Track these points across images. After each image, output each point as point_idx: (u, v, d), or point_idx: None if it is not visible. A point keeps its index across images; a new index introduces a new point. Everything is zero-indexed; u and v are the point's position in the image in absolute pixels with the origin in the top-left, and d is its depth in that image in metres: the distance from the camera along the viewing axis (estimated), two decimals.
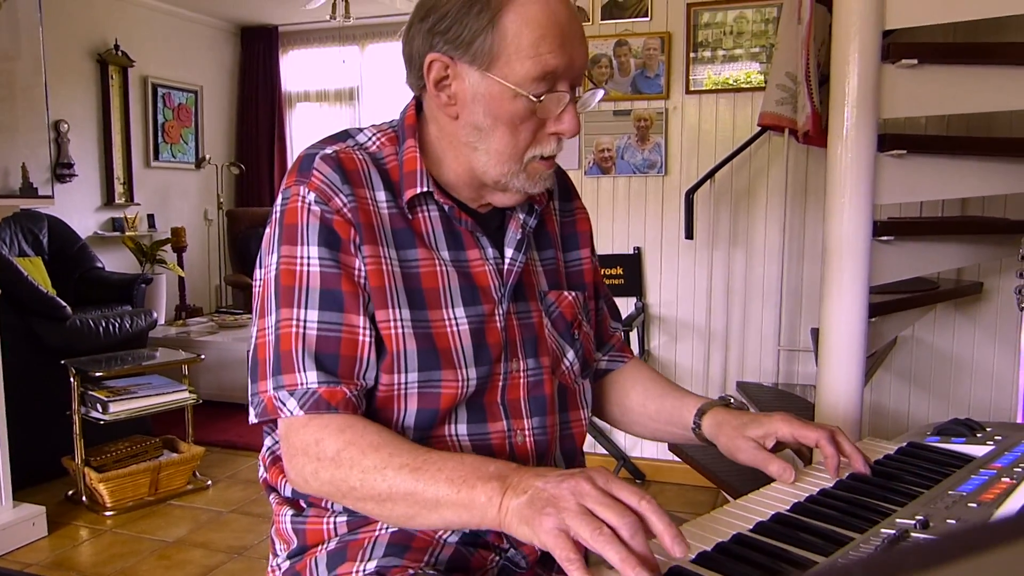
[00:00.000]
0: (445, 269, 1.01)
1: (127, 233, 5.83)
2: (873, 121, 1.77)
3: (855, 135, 1.76)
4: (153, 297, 5.18)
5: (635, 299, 3.40)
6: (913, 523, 0.82)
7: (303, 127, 7.12)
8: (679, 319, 3.39)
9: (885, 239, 1.99)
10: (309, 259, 0.96)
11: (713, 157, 3.21)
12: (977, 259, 2.69)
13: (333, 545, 1.00)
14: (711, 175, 3.12)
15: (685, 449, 2.71)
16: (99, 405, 3.15)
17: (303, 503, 1.04)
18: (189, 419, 3.46)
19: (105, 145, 5.83)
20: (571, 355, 1.12)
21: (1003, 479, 0.94)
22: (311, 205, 0.96)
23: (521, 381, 1.05)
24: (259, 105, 7.08)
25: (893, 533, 0.79)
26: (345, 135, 1.05)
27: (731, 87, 3.20)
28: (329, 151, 1.00)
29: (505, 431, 1.03)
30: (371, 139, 1.05)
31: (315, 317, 0.94)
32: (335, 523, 1.01)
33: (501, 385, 1.04)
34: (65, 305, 3.51)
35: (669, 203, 3.33)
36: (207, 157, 6.63)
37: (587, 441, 1.19)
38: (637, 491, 0.75)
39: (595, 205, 3.39)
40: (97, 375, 3.21)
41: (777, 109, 2.46)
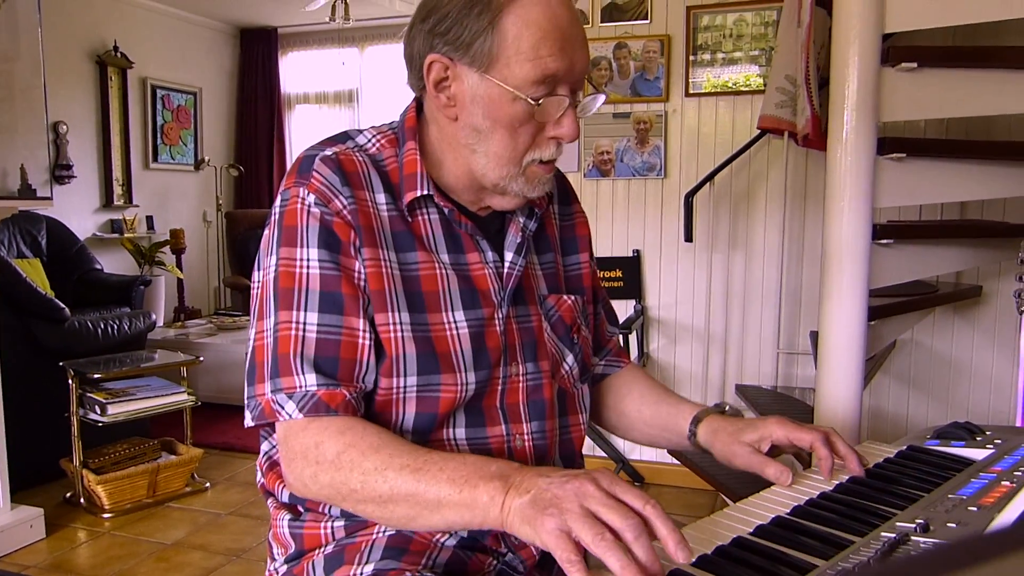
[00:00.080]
0: (445, 272, 1.01)
1: (126, 235, 5.83)
2: (873, 124, 1.77)
3: (855, 138, 1.76)
4: (152, 299, 5.18)
5: (634, 302, 3.40)
6: (913, 527, 0.82)
7: (302, 129, 7.13)
8: (678, 322, 3.39)
9: (884, 242, 1.99)
10: (308, 261, 0.95)
11: (712, 160, 3.20)
12: (976, 262, 2.69)
13: (330, 549, 0.99)
14: (710, 178, 3.11)
15: (684, 452, 2.71)
16: (97, 407, 3.14)
17: (300, 508, 1.04)
18: (188, 421, 3.45)
19: (104, 147, 5.84)
20: (570, 359, 1.12)
21: (1003, 483, 0.94)
22: (311, 207, 0.96)
23: (520, 385, 1.05)
24: (258, 107, 7.08)
25: (893, 537, 0.79)
26: (345, 136, 1.04)
27: (730, 90, 3.20)
28: (329, 152, 0.99)
29: (504, 435, 1.03)
30: (371, 141, 1.04)
31: (315, 320, 0.93)
32: (332, 527, 1.01)
33: (500, 389, 1.03)
34: (63, 307, 3.51)
35: (668, 206, 3.33)
36: (206, 159, 6.63)
37: (586, 443, 1.19)
38: (641, 494, 0.75)
39: (594, 208, 3.39)
40: (95, 377, 3.21)
41: (777, 112, 2.46)
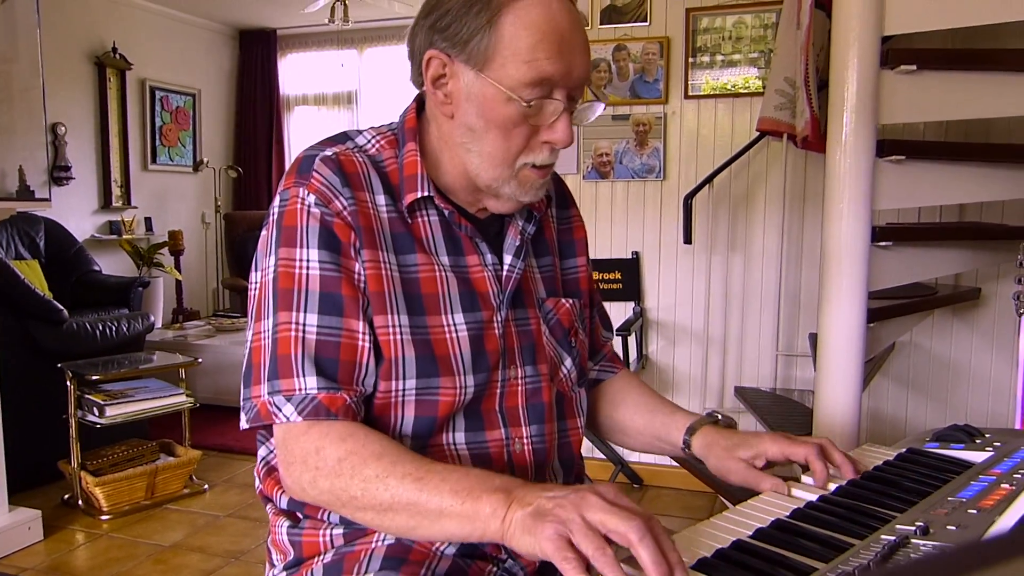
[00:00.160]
0: (444, 275, 1.00)
1: (124, 236, 5.83)
2: (872, 127, 1.77)
3: (854, 140, 1.77)
4: (150, 300, 5.17)
5: (633, 304, 3.40)
6: (913, 529, 0.81)
7: (301, 131, 7.13)
8: (677, 324, 3.39)
9: (883, 244, 2.00)
10: (308, 262, 0.94)
11: (712, 162, 3.20)
12: (975, 265, 2.69)
13: (329, 557, 0.99)
14: (710, 180, 3.11)
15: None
16: (96, 409, 3.14)
17: (299, 515, 1.03)
18: (186, 423, 3.44)
19: (102, 148, 5.83)
20: (568, 363, 1.11)
21: (1002, 485, 0.93)
22: (311, 207, 0.95)
23: (519, 389, 1.04)
24: (257, 108, 7.08)
25: (893, 540, 0.79)
26: (344, 137, 1.04)
27: (730, 92, 3.20)
28: (329, 153, 0.98)
29: (503, 439, 1.02)
30: (370, 142, 1.04)
31: (314, 321, 0.93)
32: (331, 535, 1.00)
33: (499, 392, 1.03)
34: (62, 308, 3.50)
35: (667, 208, 3.33)
36: (205, 160, 6.63)
37: (584, 445, 1.19)
38: (643, 512, 0.75)
39: (593, 209, 3.39)
40: (94, 378, 3.20)
41: (776, 114, 2.46)
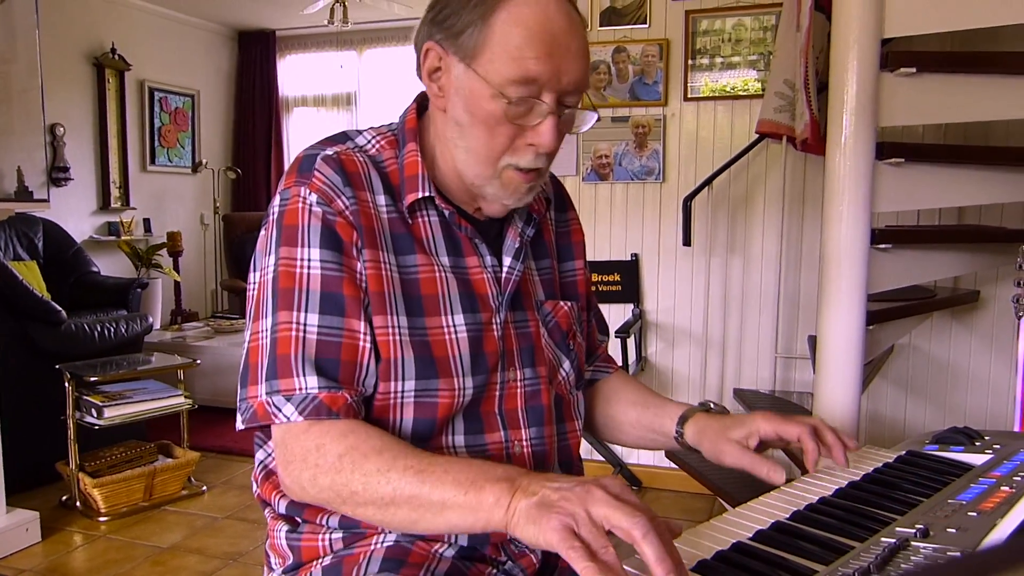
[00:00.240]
0: (444, 276, 1.00)
1: (123, 237, 5.83)
2: (872, 129, 1.77)
3: (853, 143, 1.76)
4: (149, 302, 5.17)
5: (632, 306, 3.40)
6: (913, 532, 0.81)
7: (300, 132, 7.13)
8: (676, 326, 3.39)
9: (883, 247, 2.00)
10: (310, 261, 0.93)
11: (711, 164, 3.20)
12: (974, 267, 2.69)
13: (328, 561, 0.98)
14: (709, 182, 3.12)
15: (681, 456, 2.70)
16: (94, 410, 3.13)
17: (298, 519, 1.02)
18: (184, 424, 3.44)
19: (101, 149, 5.83)
20: (567, 365, 1.11)
21: (1002, 488, 0.93)
22: (312, 206, 0.94)
23: (518, 391, 1.04)
24: (256, 110, 7.08)
25: (893, 542, 0.79)
26: (344, 137, 1.03)
27: (729, 94, 3.20)
28: (330, 152, 0.98)
29: (503, 442, 1.02)
30: (370, 142, 1.03)
31: (315, 321, 0.92)
32: (330, 539, 0.99)
33: (498, 395, 1.02)
34: (60, 309, 3.50)
35: (667, 210, 3.33)
36: (204, 161, 6.63)
37: (583, 447, 1.19)
38: (646, 506, 0.75)
39: (592, 211, 3.39)
40: (92, 380, 3.20)
41: (775, 116, 2.47)
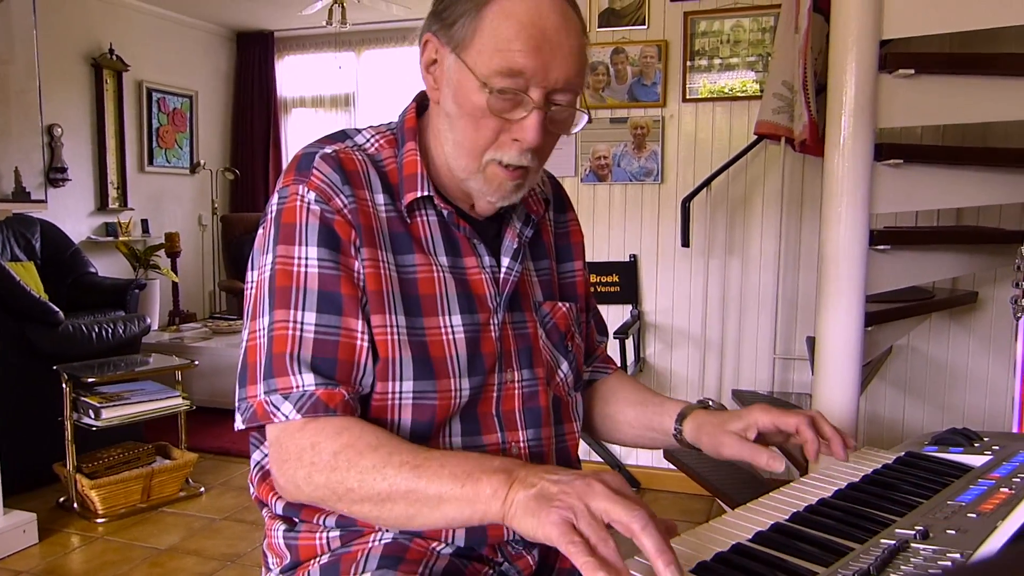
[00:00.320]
0: (442, 276, 1.00)
1: (121, 238, 5.82)
2: (870, 130, 1.77)
3: (852, 144, 1.76)
4: (146, 302, 5.17)
5: (631, 307, 3.40)
6: (913, 533, 0.81)
7: (298, 133, 7.12)
8: (675, 327, 3.39)
9: (881, 248, 2.00)
10: (307, 260, 0.93)
11: (709, 165, 3.21)
12: (972, 268, 2.69)
13: (326, 559, 0.98)
14: (707, 183, 3.12)
15: (680, 457, 2.70)
16: (91, 411, 3.12)
17: (295, 519, 1.02)
18: (182, 425, 3.44)
19: (99, 150, 5.82)
20: (565, 367, 1.11)
21: (1002, 489, 0.93)
22: (311, 204, 0.94)
23: (516, 392, 1.04)
24: (254, 110, 7.07)
25: (893, 544, 0.78)
26: (343, 135, 1.03)
27: (727, 96, 3.20)
28: (329, 150, 0.98)
29: (500, 443, 1.02)
30: (369, 140, 1.03)
31: (312, 320, 0.92)
32: (328, 538, 0.99)
33: (495, 396, 1.02)
34: (58, 310, 3.49)
35: (665, 211, 3.33)
36: (202, 162, 6.62)
37: (582, 448, 1.19)
38: (644, 503, 0.75)
39: (591, 212, 3.39)
40: (90, 381, 3.19)
41: (774, 118, 2.46)
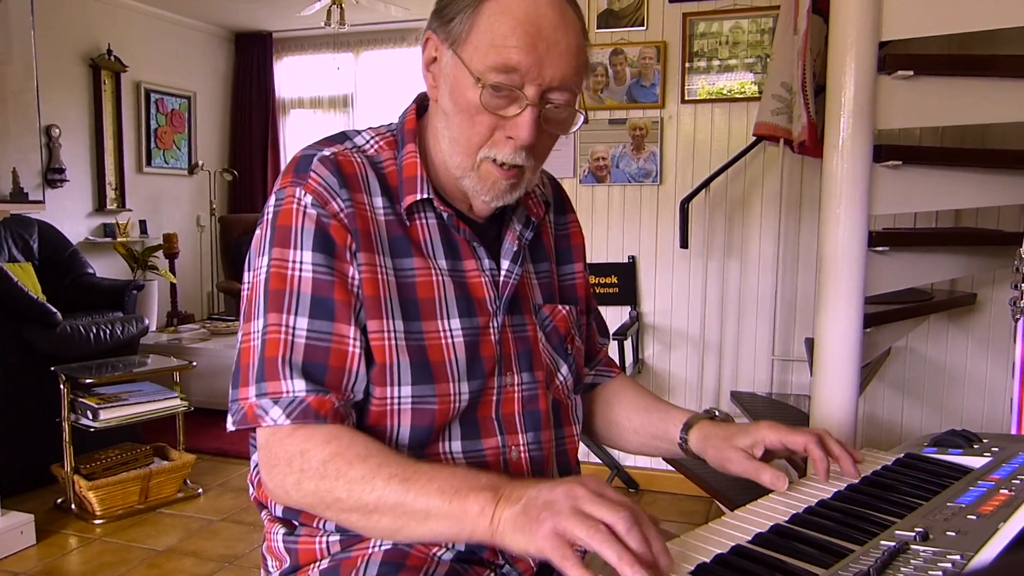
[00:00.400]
0: (441, 279, 0.99)
1: (119, 239, 5.81)
2: (869, 132, 1.77)
3: (851, 145, 1.76)
4: (144, 303, 5.16)
5: (629, 308, 3.40)
6: (913, 535, 0.81)
7: (297, 134, 7.12)
8: (673, 328, 3.39)
9: (880, 249, 2.00)
10: (302, 264, 0.93)
11: (708, 167, 3.21)
12: (971, 270, 2.69)
13: (326, 564, 0.98)
14: (706, 184, 3.12)
15: (678, 458, 2.70)
16: (89, 412, 3.12)
17: (295, 522, 1.01)
18: (180, 426, 3.43)
19: (97, 150, 5.81)
20: (565, 370, 1.10)
21: (1001, 491, 0.93)
22: (307, 208, 0.94)
23: (515, 396, 1.03)
24: (253, 111, 7.07)
25: (893, 545, 0.78)
26: (343, 137, 1.03)
27: (726, 97, 3.20)
28: (327, 153, 0.97)
29: (500, 447, 1.01)
30: (369, 142, 1.03)
31: (304, 325, 0.92)
32: (328, 542, 0.99)
33: (495, 400, 1.02)
34: (55, 311, 3.48)
35: (664, 212, 3.33)
36: (200, 163, 6.62)
37: (580, 450, 1.19)
38: (628, 500, 0.75)
39: (590, 213, 3.39)
40: (87, 382, 3.18)
41: (772, 119, 2.46)
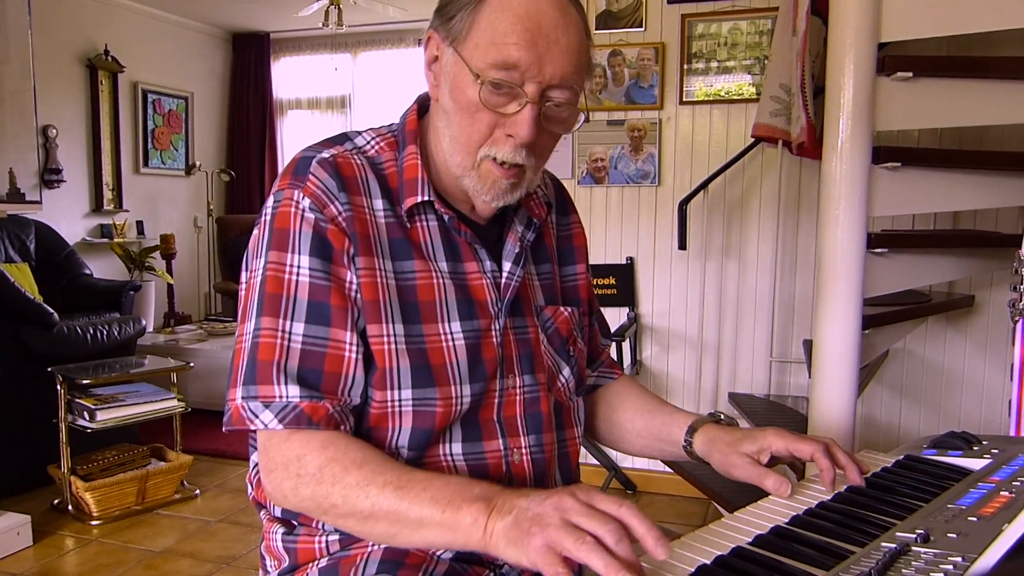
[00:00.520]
0: (442, 281, 0.99)
1: (116, 240, 5.80)
2: (868, 133, 1.77)
3: (850, 147, 1.76)
4: (142, 304, 5.15)
5: (627, 309, 3.40)
6: (913, 537, 0.81)
7: (294, 134, 7.11)
8: (671, 330, 3.39)
9: (879, 251, 1.99)
10: (299, 268, 0.92)
11: (706, 168, 3.21)
12: (969, 272, 2.70)
13: (325, 562, 0.98)
14: (704, 186, 3.12)
15: (681, 461, 2.69)
16: (86, 413, 3.11)
17: (294, 522, 1.01)
18: (177, 427, 3.43)
19: (94, 151, 5.80)
20: (567, 372, 1.10)
21: (1002, 492, 0.93)
22: (305, 212, 0.93)
23: (517, 398, 1.03)
24: (250, 112, 7.06)
25: (894, 547, 0.78)
26: (343, 138, 1.02)
27: (724, 98, 3.20)
28: (326, 155, 0.97)
29: (501, 450, 1.01)
30: (370, 143, 1.02)
31: (300, 330, 0.91)
32: (327, 541, 0.99)
33: (497, 402, 1.01)
34: (52, 312, 3.48)
35: (662, 213, 3.33)
36: (197, 164, 6.61)
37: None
38: (616, 499, 0.75)
39: (588, 215, 3.39)
40: (84, 383, 3.18)
41: (771, 120, 2.46)
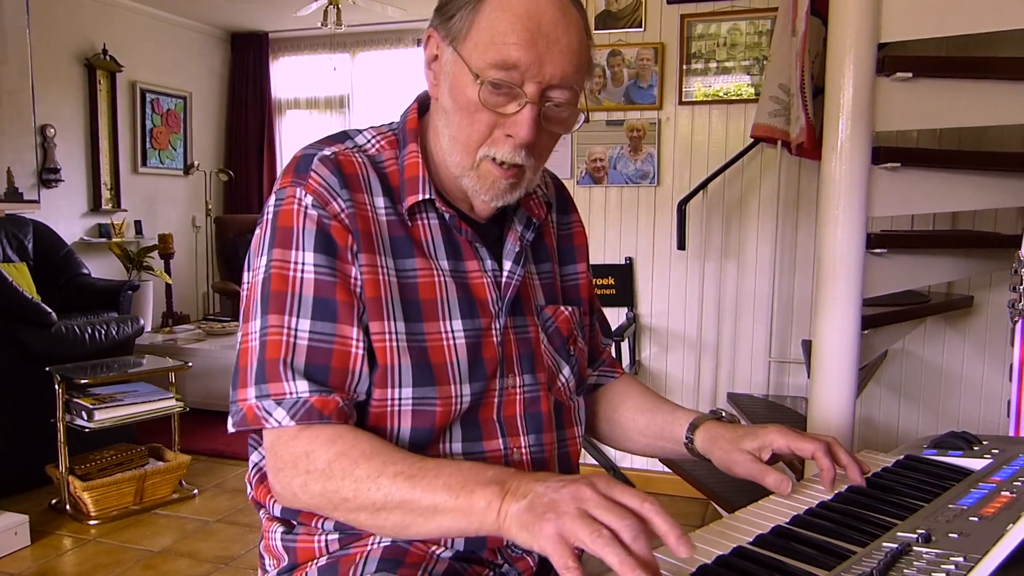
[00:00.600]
0: (443, 280, 0.99)
1: (114, 239, 5.80)
2: (868, 133, 1.77)
3: (849, 147, 1.76)
4: (140, 304, 5.14)
5: (626, 309, 3.40)
6: (915, 537, 0.81)
7: (293, 134, 7.12)
8: (670, 330, 3.39)
9: (878, 251, 1.99)
10: (304, 265, 0.92)
11: (706, 168, 3.21)
12: (968, 272, 2.70)
13: (324, 561, 0.97)
14: (703, 186, 3.12)
15: (683, 459, 2.69)
16: (84, 413, 3.11)
17: (294, 521, 1.01)
18: (175, 427, 3.43)
19: (92, 150, 5.80)
20: (567, 371, 1.10)
21: (1003, 492, 0.93)
22: (308, 209, 0.93)
23: (517, 397, 1.03)
24: (249, 112, 7.06)
25: (895, 547, 0.78)
26: (343, 136, 1.02)
27: (723, 99, 3.20)
28: (328, 152, 0.97)
29: (501, 449, 1.01)
30: (370, 141, 1.02)
31: (307, 327, 0.91)
32: (326, 541, 0.98)
33: (497, 402, 1.01)
34: (50, 311, 3.47)
35: (661, 214, 3.33)
36: (196, 163, 6.60)
37: None
38: (639, 494, 0.74)
39: (587, 215, 3.39)
40: (82, 382, 3.17)
41: (770, 121, 2.46)
